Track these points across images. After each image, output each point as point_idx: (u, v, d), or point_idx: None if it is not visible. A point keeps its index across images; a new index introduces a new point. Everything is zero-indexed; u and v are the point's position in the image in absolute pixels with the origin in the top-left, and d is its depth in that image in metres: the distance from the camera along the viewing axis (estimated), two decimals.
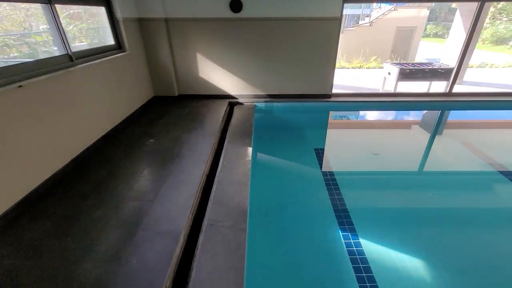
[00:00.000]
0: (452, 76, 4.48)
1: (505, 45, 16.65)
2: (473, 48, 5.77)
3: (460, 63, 4.39)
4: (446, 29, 21.89)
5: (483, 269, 2.01)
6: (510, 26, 16.91)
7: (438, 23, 22.51)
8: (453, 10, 22.56)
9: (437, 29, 22.15)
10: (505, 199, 2.79)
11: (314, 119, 4.58)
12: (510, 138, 4.07)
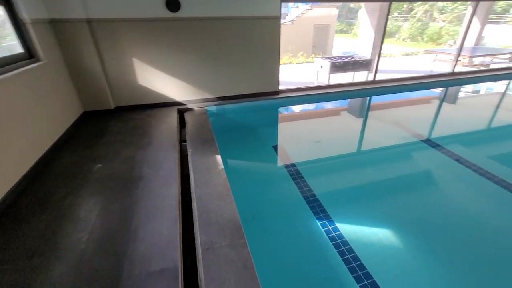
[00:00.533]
0: (375, 66, 5.19)
1: (393, 38, 20.44)
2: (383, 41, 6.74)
3: (379, 55, 5.11)
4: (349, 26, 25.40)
5: (429, 222, 2.40)
6: (393, 22, 20.72)
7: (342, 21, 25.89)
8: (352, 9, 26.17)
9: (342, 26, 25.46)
10: (431, 161, 3.40)
11: (267, 116, 4.65)
12: (423, 112, 4.97)
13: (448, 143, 3.71)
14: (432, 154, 3.52)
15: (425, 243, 2.19)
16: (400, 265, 2.01)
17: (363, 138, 4.13)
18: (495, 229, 2.35)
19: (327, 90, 4.78)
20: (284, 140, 4.00)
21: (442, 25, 17.06)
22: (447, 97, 5.74)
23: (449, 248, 2.14)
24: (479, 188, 2.86)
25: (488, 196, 2.75)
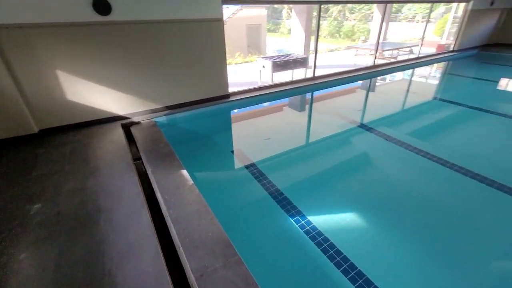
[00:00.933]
0: (313, 63, 5.59)
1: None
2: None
3: (315, 52, 5.51)
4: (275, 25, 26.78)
5: (380, 197, 2.74)
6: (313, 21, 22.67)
7: (269, 20, 27.14)
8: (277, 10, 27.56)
9: (269, 25, 26.71)
10: (368, 142, 3.86)
11: (221, 121, 4.54)
12: (355, 101, 5.60)
13: (378, 126, 4.28)
14: (367, 136, 4.01)
15: (384, 218, 2.47)
16: (369, 242, 2.22)
17: (310, 130, 4.43)
18: (426, 195, 2.80)
19: (274, 89, 4.94)
20: (240, 143, 3.98)
21: (354, 23, 19.51)
22: (372, 86, 6.62)
23: (400, 218, 2.47)
24: (412, 162, 3.36)
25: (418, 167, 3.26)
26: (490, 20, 9.12)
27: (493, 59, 8.66)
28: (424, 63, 7.90)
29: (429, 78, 7.65)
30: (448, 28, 11.45)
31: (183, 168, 2.54)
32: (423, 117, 4.82)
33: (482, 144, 3.86)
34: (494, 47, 9.57)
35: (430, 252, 2.13)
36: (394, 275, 1.94)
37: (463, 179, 2.97)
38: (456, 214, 2.54)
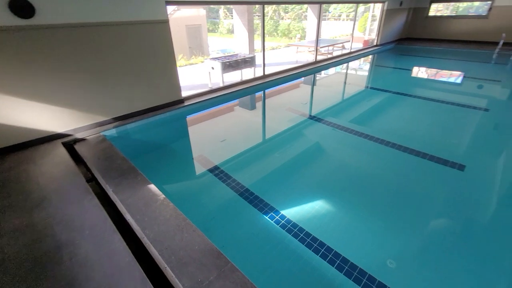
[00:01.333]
0: (262, 62, 5.73)
1: (255, 34, 23.03)
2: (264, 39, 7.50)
3: (263, 51, 5.66)
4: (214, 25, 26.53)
5: (339, 181, 3.01)
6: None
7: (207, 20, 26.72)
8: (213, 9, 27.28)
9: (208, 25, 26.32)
10: (320, 132, 4.17)
11: (178, 127, 4.31)
12: (304, 95, 5.97)
13: (326, 116, 4.66)
14: (318, 127, 4.34)
15: (345, 198, 2.72)
16: (338, 223, 2.41)
17: (266, 127, 4.55)
18: (374, 172, 3.19)
19: (229, 90, 4.92)
20: (201, 147, 3.86)
21: (289, 22, 20.60)
22: (315, 80, 7.13)
23: (358, 196, 2.75)
24: (358, 145, 3.73)
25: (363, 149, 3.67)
26: (401, 18, 10.69)
27: (406, 51, 10.20)
28: (356, 57, 8.84)
29: (361, 70, 8.61)
30: (369, 26, 13.01)
31: (149, 182, 2.36)
32: (360, 105, 5.41)
33: (408, 122, 4.53)
34: (406, 41, 11.27)
35: (387, 219, 2.43)
36: (364, 248, 2.14)
37: (398, 153, 3.45)
38: (400, 182, 2.97)
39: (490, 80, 6.70)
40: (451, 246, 2.15)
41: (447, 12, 11.45)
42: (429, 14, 11.06)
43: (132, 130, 3.69)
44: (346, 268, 1.94)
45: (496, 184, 2.91)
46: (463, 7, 11.09)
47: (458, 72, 7.63)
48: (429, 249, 2.13)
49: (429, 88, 6.45)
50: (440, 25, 10.85)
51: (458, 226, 2.38)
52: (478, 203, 2.64)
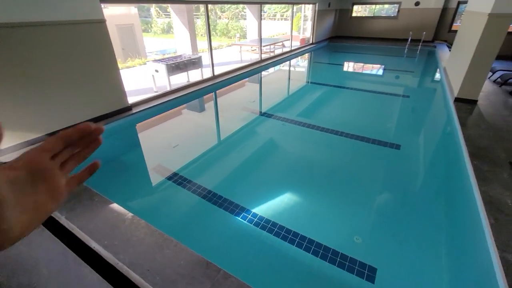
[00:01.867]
0: (211, 63, 5.62)
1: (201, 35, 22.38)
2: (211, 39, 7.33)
3: (210, 51, 5.55)
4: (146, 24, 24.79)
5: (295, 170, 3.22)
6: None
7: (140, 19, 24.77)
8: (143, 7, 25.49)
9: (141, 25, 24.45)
10: (270, 127, 4.35)
11: (128, 137, 3.92)
12: (253, 93, 6.11)
13: (275, 112, 4.88)
14: (269, 122, 4.52)
15: (307, 186, 2.91)
16: (306, 211, 2.58)
17: (220, 127, 4.52)
18: (326, 158, 3.52)
19: (179, 94, 4.70)
20: (156, 155, 3.60)
21: (226, 21, 20.60)
22: (262, 78, 7.34)
23: (318, 184, 2.98)
24: (308, 135, 4.02)
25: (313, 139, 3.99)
26: (330, 18, 11.76)
27: (337, 48, 11.30)
28: (296, 55, 9.39)
29: (301, 67, 9.21)
30: (302, 25, 13.96)
31: (110, 201, 2.12)
32: (305, 98, 5.79)
33: (349, 112, 5.08)
34: (336, 39, 12.46)
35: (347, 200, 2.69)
36: (332, 231, 2.33)
37: (345, 140, 3.83)
38: (351, 166, 3.33)
39: (406, 71, 7.94)
40: (399, 212, 2.51)
41: (365, 13, 13.05)
42: (352, 15, 12.44)
43: None
44: (321, 252, 2.07)
45: (425, 158, 3.49)
46: (377, 9, 12.80)
47: (380, 65, 8.82)
48: (384, 219, 2.44)
49: (360, 80, 7.29)
50: (362, 25, 12.31)
51: (403, 195, 2.79)
52: (414, 174, 3.13)
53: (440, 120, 4.43)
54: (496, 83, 5.78)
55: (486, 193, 2.12)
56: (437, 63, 8.08)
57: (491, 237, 1.73)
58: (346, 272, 1.93)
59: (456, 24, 10.51)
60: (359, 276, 1.90)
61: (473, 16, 4.40)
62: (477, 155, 2.70)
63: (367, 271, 1.94)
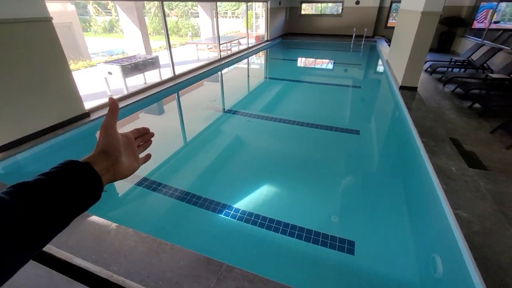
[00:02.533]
0: (171, 62, 5.40)
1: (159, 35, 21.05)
2: (169, 38, 6.96)
3: (170, 51, 5.34)
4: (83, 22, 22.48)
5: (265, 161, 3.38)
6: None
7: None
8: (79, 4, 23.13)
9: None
10: (237, 123, 4.43)
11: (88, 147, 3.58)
12: (216, 92, 6.08)
13: (240, 108, 4.98)
14: (235, 117, 4.61)
15: (281, 176, 3.06)
16: (287, 200, 2.73)
17: (187, 128, 4.42)
18: (293, 148, 3.74)
19: (141, 96, 4.45)
20: None
21: (176, 19, 19.83)
22: (223, 76, 7.33)
23: (291, 172, 3.17)
24: (274, 128, 4.18)
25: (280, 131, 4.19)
26: (281, 16, 12.18)
27: (290, 45, 11.78)
28: (253, 52, 9.54)
29: (259, 64, 9.41)
30: (254, 22, 14.19)
31: (88, 215, 1.96)
32: (266, 94, 5.99)
33: (309, 104, 5.40)
34: (289, 36, 12.97)
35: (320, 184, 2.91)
36: (311, 214, 2.50)
37: (310, 130, 4.09)
38: (319, 153, 3.58)
39: (354, 64, 8.68)
40: (366, 189, 2.82)
41: (313, 11, 13.82)
42: (302, 13, 13.07)
43: (28, 160, 2.85)
44: (304, 235, 2.21)
45: (382, 139, 3.93)
46: (323, 7, 13.65)
47: (331, 60, 9.48)
48: (355, 197, 2.72)
49: (315, 75, 7.77)
50: (311, 22, 13.02)
51: (368, 174, 3.12)
52: (375, 154, 3.51)
53: (390, 106, 5.00)
54: (427, 72, 6.71)
55: (436, 164, 2.50)
56: (379, 56, 9.00)
57: (445, 199, 2.07)
58: (329, 249, 2.10)
59: (390, 21, 11.81)
60: (341, 250, 2.08)
61: (407, 14, 5.03)
62: (424, 134, 3.15)
63: (346, 245, 2.14)
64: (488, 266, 1.51)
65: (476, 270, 1.48)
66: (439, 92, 5.18)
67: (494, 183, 2.24)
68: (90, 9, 22.78)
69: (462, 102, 4.59)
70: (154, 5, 20.11)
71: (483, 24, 8.54)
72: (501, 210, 1.93)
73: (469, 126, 3.66)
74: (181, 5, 21.04)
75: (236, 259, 2.06)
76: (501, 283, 1.41)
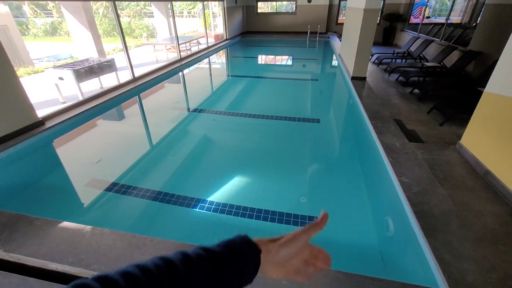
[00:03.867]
0: (129, 65, 5.22)
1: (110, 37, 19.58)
2: (125, 40, 6.63)
3: (127, 53, 5.15)
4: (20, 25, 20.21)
5: (235, 156, 3.60)
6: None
7: None
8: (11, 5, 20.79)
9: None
10: (203, 122, 4.50)
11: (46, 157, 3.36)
12: (179, 92, 6.04)
13: (206, 107, 5.07)
14: (201, 116, 4.71)
15: (250, 167, 3.24)
16: (258, 188, 2.91)
17: (153, 130, 4.36)
18: (262, 141, 3.96)
19: (100, 100, 4.27)
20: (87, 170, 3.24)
21: (128, 20, 18.83)
22: (185, 76, 7.26)
23: (260, 162, 3.39)
24: (241, 124, 4.37)
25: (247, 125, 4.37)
26: (239, 14, 12.32)
27: (250, 43, 12.00)
28: (214, 51, 9.55)
29: (220, 62, 9.47)
30: (212, 21, 14.14)
31: (59, 221, 1.92)
32: (230, 91, 6.15)
33: (271, 97, 5.66)
34: (247, 34, 13.18)
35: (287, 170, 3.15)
36: (282, 198, 2.70)
37: (274, 122, 4.34)
38: (284, 142, 3.82)
39: (311, 59, 9.19)
40: (329, 170, 3.13)
41: (269, 9, 14.20)
42: (258, 11, 13.35)
43: None
44: (277, 217, 2.40)
45: (339, 125, 4.31)
46: (278, 5, 14.10)
47: (290, 56, 9.91)
48: (319, 178, 3.01)
49: (275, 70, 8.08)
50: (268, 20, 13.38)
51: (329, 156, 3.45)
52: (334, 139, 3.87)
53: (344, 95, 5.47)
54: (374, 63, 7.40)
55: (383, 142, 2.88)
56: (332, 50, 9.63)
57: (391, 169, 2.42)
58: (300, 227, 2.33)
59: (340, 17, 12.66)
60: None
61: (353, 11, 5.53)
62: (373, 117, 3.55)
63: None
64: (424, 216, 1.84)
65: (416, 221, 1.81)
66: (385, 80, 5.78)
67: (429, 152, 2.66)
68: (26, 11, 20.55)
69: (405, 88, 5.21)
70: (102, 5, 18.86)
71: (418, 19, 9.63)
72: (434, 173, 2.33)
73: (410, 109, 4.20)
74: (132, 4, 20.02)
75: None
76: (433, 228, 1.75)
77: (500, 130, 2.23)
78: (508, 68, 2.20)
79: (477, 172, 2.37)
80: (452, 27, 7.07)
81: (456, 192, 2.10)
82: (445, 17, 7.38)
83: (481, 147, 2.43)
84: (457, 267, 1.51)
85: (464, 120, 2.86)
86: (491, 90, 2.36)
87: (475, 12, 6.15)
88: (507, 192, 2.03)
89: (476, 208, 1.95)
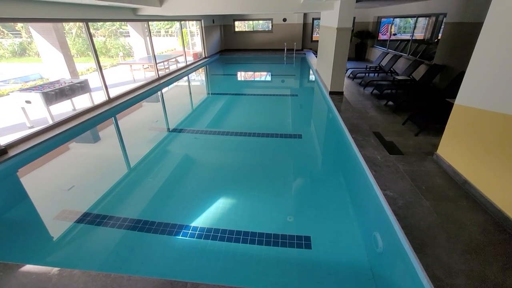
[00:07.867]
0: (104, 85, 5.03)
1: (84, 57, 18.93)
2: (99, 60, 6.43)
3: (101, 73, 4.97)
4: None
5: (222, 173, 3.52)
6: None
7: None
8: None
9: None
10: (183, 140, 4.38)
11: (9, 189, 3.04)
12: (158, 112, 5.88)
13: (186, 126, 4.97)
14: (181, 136, 4.59)
15: (236, 188, 3.16)
16: (243, 210, 2.79)
17: (128, 154, 4.18)
18: (243, 157, 3.92)
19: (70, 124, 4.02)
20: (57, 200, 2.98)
21: (103, 39, 18.52)
22: (164, 95, 7.13)
23: (244, 182, 3.30)
24: (223, 141, 4.31)
25: (228, 143, 4.33)
26: (217, 33, 12.53)
27: (228, 60, 12.17)
28: (193, 69, 9.54)
29: (200, 80, 9.44)
30: (190, 40, 14.25)
31: (21, 265, 1.70)
32: (210, 109, 6.07)
33: (252, 114, 5.67)
34: (226, 52, 13.38)
35: (271, 189, 3.08)
36: (268, 218, 2.62)
37: (256, 139, 4.30)
38: (267, 159, 3.78)
39: (289, 75, 9.42)
40: (313, 186, 3.09)
41: (246, 28, 14.60)
42: (236, 30, 13.67)
43: None
44: (264, 240, 2.31)
45: (321, 140, 4.35)
46: (254, 24, 14.54)
47: (268, 72, 10.12)
48: (304, 195, 2.95)
49: (255, 87, 8.18)
50: (246, 38, 13.71)
51: (313, 172, 3.43)
52: (317, 154, 3.88)
53: (324, 109, 5.59)
54: (349, 78, 7.72)
55: (365, 155, 2.92)
56: (309, 66, 9.97)
57: (375, 183, 2.43)
58: (289, 248, 2.24)
59: (315, 35, 13.26)
60: (299, 247, 2.24)
61: (327, 30, 5.78)
62: (353, 130, 3.63)
63: (304, 241, 2.31)
64: (412, 231, 1.84)
65: (404, 236, 1.79)
66: (360, 94, 6.01)
67: (409, 164, 2.72)
68: None
69: (380, 101, 5.43)
70: (75, 25, 18.46)
71: (386, 36, 10.29)
72: (416, 185, 2.36)
73: (387, 121, 4.35)
74: (107, 24, 19.79)
75: (201, 275, 2.02)
76: (421, 243, 1.74)
77: (473, 141, 2.34)
78: (474, 81, 2.34)
79: (456, 181, 2.44)
80: (417, 43, 7.61)
81: (439, 204, 2.13)
82: (410, 34, 7.94)
83: (457, 157, 2.52)
84: (450, 284, 1.49)
85: (438, 130, 2.99)
86: (461, 102, 2.49)
87: (435, 29, 6.67)
88: (486, 200, 2.09)
89: (460, 219, 1.98)
